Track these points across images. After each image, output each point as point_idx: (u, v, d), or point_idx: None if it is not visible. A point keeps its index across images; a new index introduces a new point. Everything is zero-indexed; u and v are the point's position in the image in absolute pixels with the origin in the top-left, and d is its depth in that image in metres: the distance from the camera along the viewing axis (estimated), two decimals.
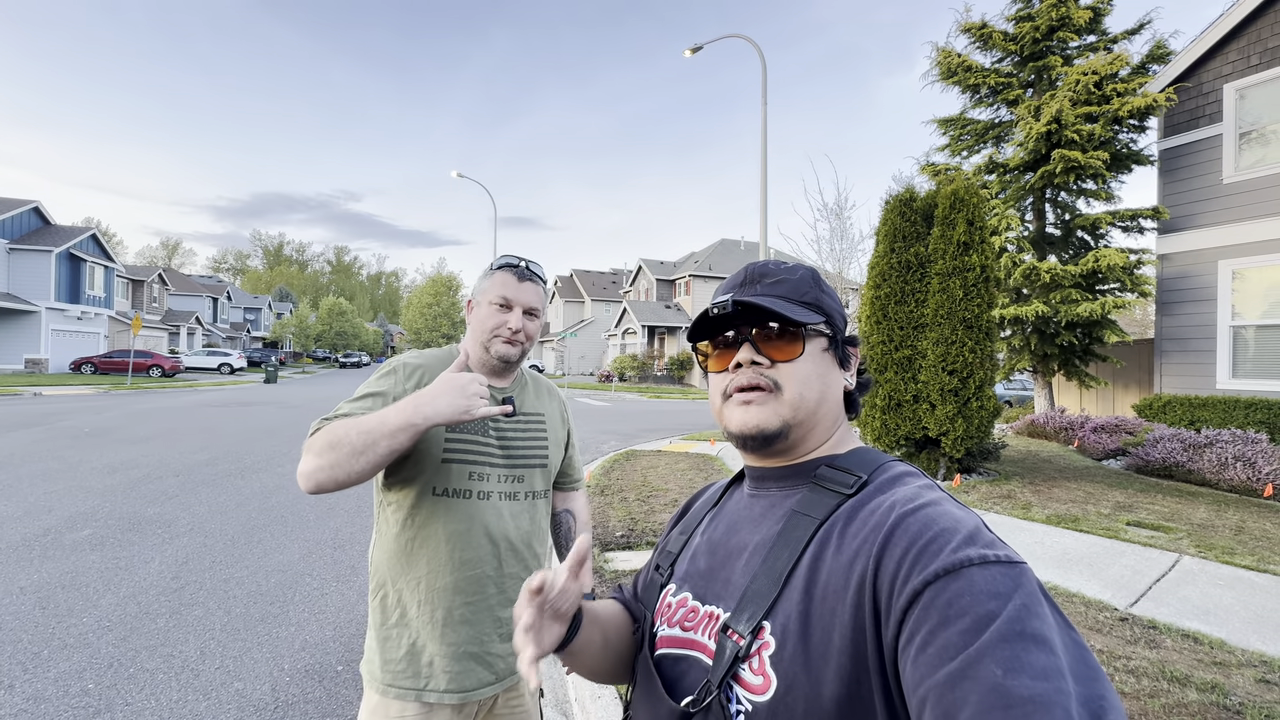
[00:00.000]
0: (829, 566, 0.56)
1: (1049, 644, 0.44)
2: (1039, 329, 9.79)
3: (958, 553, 0.49)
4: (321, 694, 2.64)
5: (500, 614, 1.26)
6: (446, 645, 1.20)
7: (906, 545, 0.52)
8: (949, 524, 0.52)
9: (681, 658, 0.66)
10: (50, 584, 3.70)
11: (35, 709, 2.45)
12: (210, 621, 3.28)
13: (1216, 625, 3.21)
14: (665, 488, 6.30)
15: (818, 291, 0.70)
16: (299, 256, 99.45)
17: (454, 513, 1.22)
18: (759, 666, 0.57)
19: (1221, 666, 2.76)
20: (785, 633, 0.56)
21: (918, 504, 0.56)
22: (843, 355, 0.71)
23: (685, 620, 0.67)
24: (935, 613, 0.47)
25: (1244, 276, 8.48)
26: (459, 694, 1.20)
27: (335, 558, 4.34)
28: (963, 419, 5.89)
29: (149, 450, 8.33)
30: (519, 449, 1.33)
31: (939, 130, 11.33)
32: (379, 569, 1.26)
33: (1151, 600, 3.54)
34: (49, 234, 27.41)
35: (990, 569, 0.48)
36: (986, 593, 0.46)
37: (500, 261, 1.32)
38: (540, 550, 1.37)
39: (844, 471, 0.64)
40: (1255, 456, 6.04)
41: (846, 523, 0.59)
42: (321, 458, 1.07)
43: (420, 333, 51.77)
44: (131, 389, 20.29)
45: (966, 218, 6.01)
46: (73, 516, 5.10)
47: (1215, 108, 8.78)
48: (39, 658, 2.85)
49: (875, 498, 0.59)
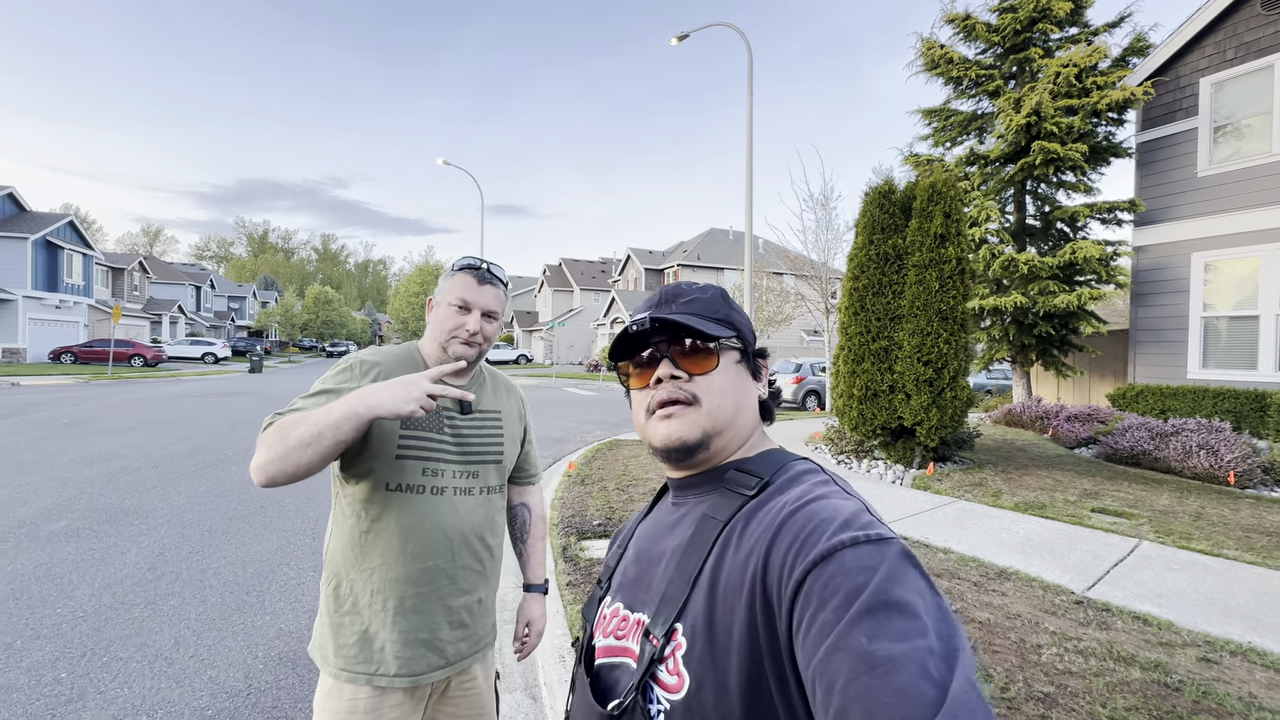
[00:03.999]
0: (729, 565, 0.59)
1: (910, 608, 0.47)
2: (1017, 319, 9.95)
3: (832, 539, 0.52)
4: (295, 680, 2.68)
5: (451, 603, 1.30)
6: (398, 632, 1.24)
7: (791, 540, 0.55)
8: (828, 514, 0.56)
9: (616, 665, 0.69)
10: (24, 575, 3.70)
11: (6, 698, 2.48)
12: (185, 611, 3.31)
13: (1168, 608, 3.34)
14: (645, 477, 6.38)
15: (728, 309, 0.75)
16: (285, 244, 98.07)
17: (408, 507, 1.25)
18: (674, 667, 0.59)
19: (1167, 646, 2.88)
20: (694, 632, 0.59)
21: (804, 500, 0.59)
22: (754, 367, 0.76)
23: (618, 630, 0.71)
24: (815, 597, 0.50)
25: (1216, 268, 8.66)
26: (409, 678, 1.25)
27: (313, 547, 4.36)
28: (937, 409, 6.00)
29: (128, 441, 8.27)
30: (474, 446, 1.36)
31: (923, 121, 11.38)
32: (334, 559, 1.30)
33: (1108, 584, 3.66)
34: (24, 220, 26.81)
35: (860, 549, 0.51)
36: (855, 569, 0.50)
37: (461, 263, 1.34)
38: (493, 543, 1.41)
39: (748, 474, 0.67)
40: (1218, 445, 6.21)
41: (746, 523, 0.62)
42: (271, 450, 1.09)
43: (408, 321, 51.41)
44: (112, 379, 20.02)
45: (944, 210, 6.08)
46: (48, 508, 5.08)
47: (1191, 101, 8.91)
48: (11, 648, 2.86)
49: (774, 498, 0.63)
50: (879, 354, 6.35)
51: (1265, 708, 2.38)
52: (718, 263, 38.63)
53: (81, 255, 29.86)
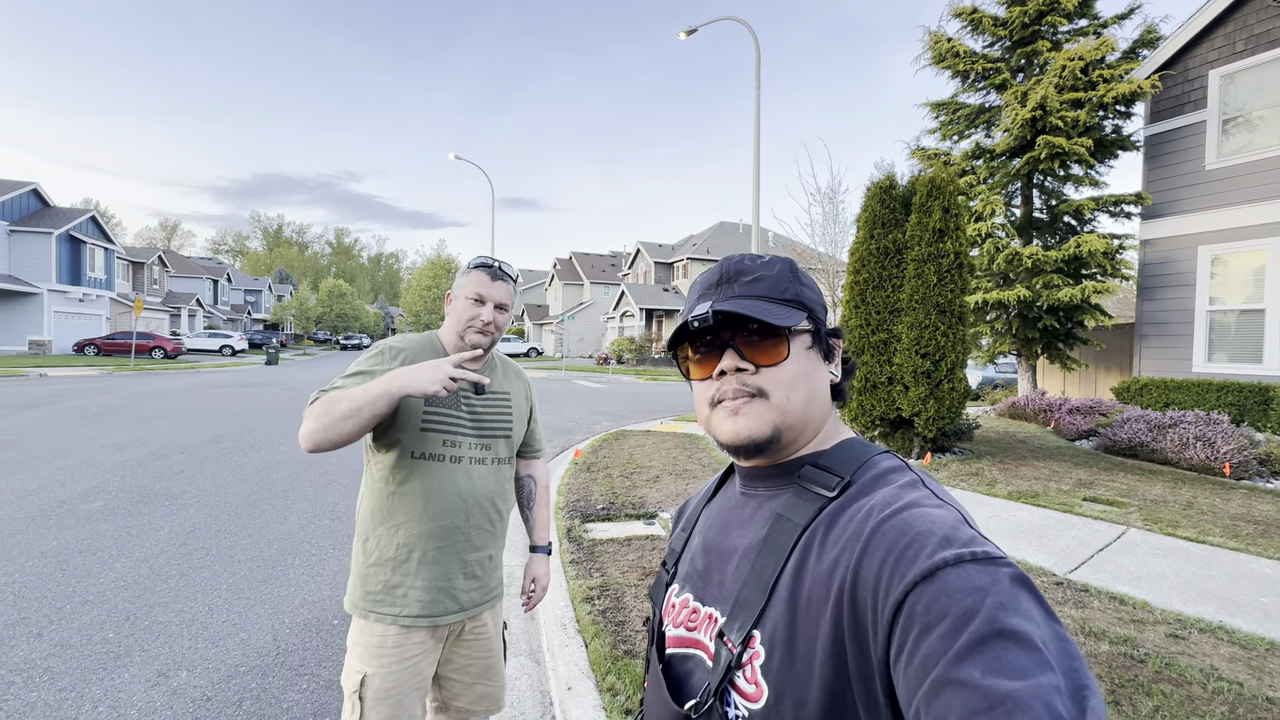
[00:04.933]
0: (810, 575, 0.56)
1: (1028, 639, 0.43)
2: (1022, 313, 10.00)
3: (933, 556, 0.48)
4: (319, 643, 2.92)
5: (466, 557, 1.51)
6: (420, 580, 1.45)
7: (884, 554, 0.51)
8: (925, 526, 0.51)
9: (688, 656, 0.67)
10: (68, 549, 3.98)
11: (63, 654, 2.74)
12: (217, 582, 3.56)
13: (1146, 589, 3.48)
14: (649, 465, 6.58)
15: (798, 285, 0.68)
16: (299, 238, 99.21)
17: (430, 473, 1.46)
18: (751, 675, 0.57)
19: (1139, 624, 3.03)
20: (773, 643, 0.56)
21: (894, 508, 0.55)
22: (827, 348, 0.70)
23: (689, 621, 0.69)
24: (916, 622, 0.46)
25: (1223, 262, 8.66)
26: (430, 619, 1.46)
27: (332, 528, 4.62)
28: (934, 400, 6.14)
29: (155, 429, 8.62)
30: (487, 421, 1.57)
31: (931, 114, 11.40)
32: (364, 519, 1.51)
33: (1090, 567, 3.80)
34: (48, 216, 27.50)
35: (966, 568, 0.47)
36: (961, 591, 0.46)
37: (476, 261, 1.56)
38: (504, 507, 1.62)
39: (827, 471, 0.63)
40: (1215, 437, 6.29)
41: (828, 529, 0.58)
42: (318, 421, 1.30)
43: (420, 315, 51.98)
44: (135, 370, 20.59)
45: (942, 205, 6.19)
46: (85, 490, 5.38)
47: (1200, 94, 8.87)
48: (62, 611, 3.13)
49: (856, 501, 0.59)
50: (878, 346, 6.49)
51: (1223, 678, 2.53)
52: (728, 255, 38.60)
53: (103, 249, 30.55)
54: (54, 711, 2.35)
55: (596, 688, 2.43)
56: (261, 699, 2.48)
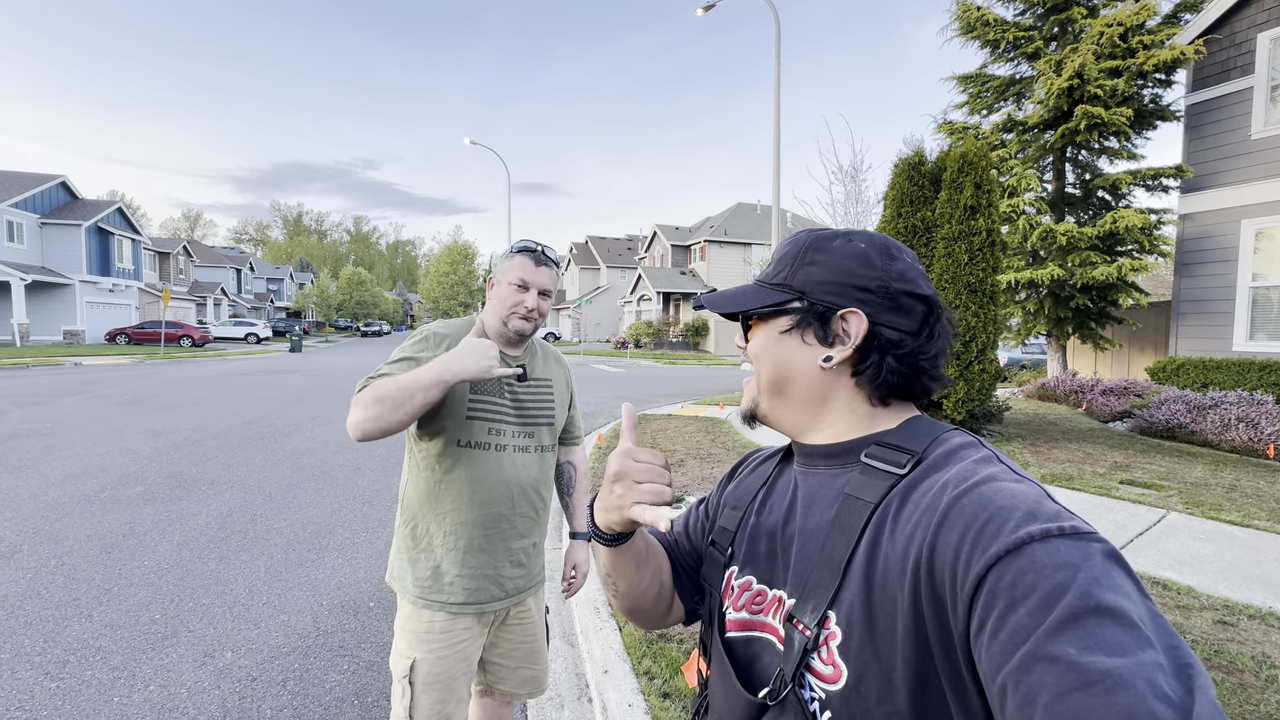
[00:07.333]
0: (884, 553, 0.55)
1: (1125, 615, 0.41)
2: (1054, 292, 9.72)
3: (1018, 530, 0.47)
4: (356, 625, 2.97)
5: (512, 545, 1.50)
6: (466, 568, 1.45)
7: (963, 529, 0.49)
8: (1005, 501, 0.50)
9: (754, 639, 0.67)
10: (112, 533, 4.10)
11: (112, 634, 2.82)
12: (255, 565, 3.64)
13: (1190, 574, 3.38)
14: (673, 449, 6.56)
15: (797, 266, 0.67)
16: (318, 226, 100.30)
17: (475, 461, 1.44)
18: (828, 656, 0.57)
19: (1184, 609, 2.95)
20: (850, 623, 0.56)
21: (971, 482, 0.53)
22: (824, 330, 0.65)
23: (752, 604, 0.68)
24: (1002, 596, 0.45)
25: (1268, 236, 8.30)
26: (476, 605, 1.46)
27: (364, 512, 4.69)
28: (964, 382, 6.01)
29: (187, 416, 8.82)
30: (530, 409, 1.54)
31: (958, 87, 11.03)
32: (409, 504, 1.50)
33: (1131, 552, 3.71)
34: (77, 208, 28.08)
35: (1053, 542, 0.45)
36: (1051, 566, 0.44)
37: (520, 245, 1.51)
38: (546, 495, 1.60)
39: (895, 449, 0.61)
40: (1259, 418, 6.08)
41: (900, 505, 0.57)
42: (368, 410, 1.27)
43: (438, 301, 52.33)
44: (165, 358, 21.10)
45: (974, 181, 6.00)
46: (125, 475, 5.53)
47: (1247, 59, 8.45)
48: (110, 593, 3.23)
49: (929, 476, 0.57)
50: None
51: (1277, 665, 2.45)
52: (745, 238, 38.15)
53: (130, 240, 31.17)
54: (108, 689, 2.42)
55: (633, 671, 2.44)
56: (304, 679, 2.53)
